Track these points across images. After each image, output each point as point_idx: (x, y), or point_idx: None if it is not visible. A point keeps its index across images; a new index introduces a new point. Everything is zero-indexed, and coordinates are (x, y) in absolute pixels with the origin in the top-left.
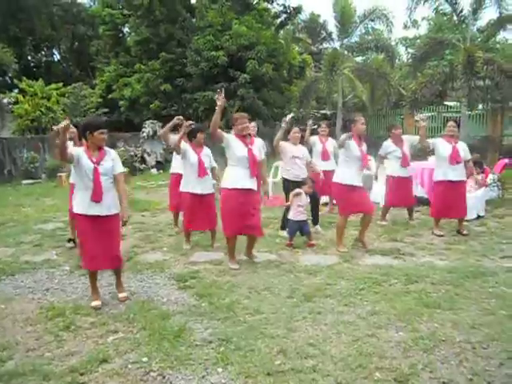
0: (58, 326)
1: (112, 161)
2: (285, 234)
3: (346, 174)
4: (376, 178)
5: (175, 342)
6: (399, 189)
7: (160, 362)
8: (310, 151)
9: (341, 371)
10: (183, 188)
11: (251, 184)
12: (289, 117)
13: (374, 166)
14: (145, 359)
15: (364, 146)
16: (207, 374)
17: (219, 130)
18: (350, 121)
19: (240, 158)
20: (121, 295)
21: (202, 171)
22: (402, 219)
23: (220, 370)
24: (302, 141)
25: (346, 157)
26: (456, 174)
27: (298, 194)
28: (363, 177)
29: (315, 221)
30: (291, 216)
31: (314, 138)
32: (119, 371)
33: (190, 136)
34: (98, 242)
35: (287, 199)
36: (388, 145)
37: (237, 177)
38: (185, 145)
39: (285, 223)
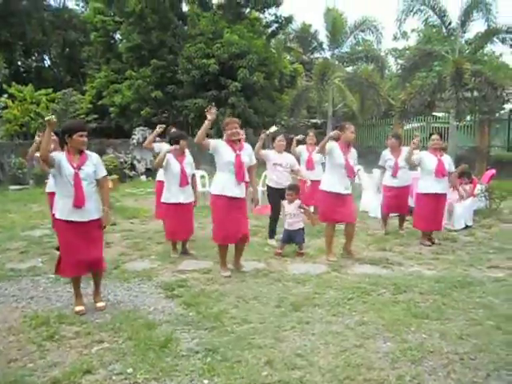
0: (41, 336)
1: (94, 166)
2: (273, 242)
3: (329, 180)
4: (378, 188)
5: (161, 353)
6: (391, 198)
7: (145, 373)
8: (298, 161)
9: (328, 383)
10: (166, 199)
11: (238, 191)
12: (271, 130)
13: (364, 175)
14: (130, 370)
15: (351, 154)
16: None
17: (205, 141)
18: (340, 127)
19: (227, 164)
20: (98, 305)
21: (183, 181)
22: (391, 228)
23: (206, 381)
24: (289, 148)
25: (330, 164)
26: (441, 187)
27: (282, 206)
28: (353, 186)
29: (271, 233)
30: (285, 226)
31: (301, 148)
32: (103, 383)
33: (173, 143)
34: (79, 248)
35: (272, 206)
36: (385, 154)
37: (224, 183)
38: (168, 156)
39: (271, 232)
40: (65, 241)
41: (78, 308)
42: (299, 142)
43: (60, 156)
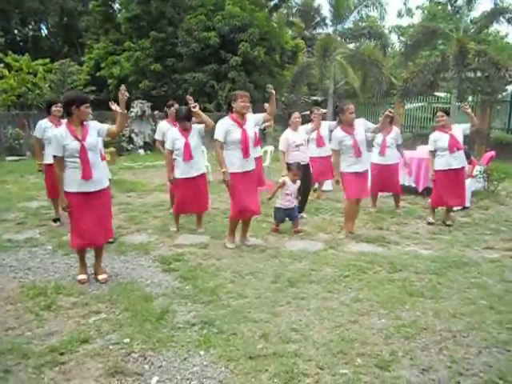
0: (38, 306)
1: (96, 132)
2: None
3: (344, 162)
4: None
5: (157, 324)
6: (379, 176)
7: (142, 343)
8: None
9: (322, 356)
10: (176, 174)
11: (248, 165)
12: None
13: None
14: (126, 340)
15: (357, 131)
16: (189, 357)
17: (222, 150)
18: (339, 109)
19: (236, 141)
20: (101, 277)
21: (187, 155)
22: (388, 208)
23: (202, 352)
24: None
25: (343, 149)
26: (458, 161)
27: (283, 184)
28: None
29: (301, 208)
30: (278, 204)
31: (308, 125)
32: (100, 352)
33: (177, 118)
34: (91, 218)
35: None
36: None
37: (235, 160)
38: (172, 132)
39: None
40: (75, 213)
41: (81, 276)
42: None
43: (61, 133)
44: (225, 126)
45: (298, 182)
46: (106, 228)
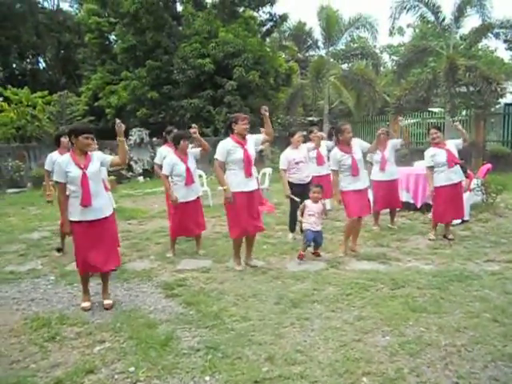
0: (42, 337)
1: (98, 161)
2: (290, 236)
3: (344, 181)
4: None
5: (162, 351)
6: (382, 192)
7: (147, 371)
8: None
9: (328, 377)
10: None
11: (252, 184)
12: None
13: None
14: (131, 369)
15: (354, 150)
16: (195, 383)
17: (222, 170)
18: (337, 130)
19: (239, 161)
20: (106, 302)
21: (189, 179)
22: (388, 224)
23: (207, 378)
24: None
25: (342, 169)
26: (458, 175)
27: (303, 209)
28: None
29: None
30: (307, 225)
31: (307, 144)
32: (105, 382)
33: (175, 143)
34: (93, 246)
35: (292, 201)
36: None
37: (238, 180)
38: (171, 158)
39: (293, 225)
40: (79, 241)
41: (85, 304)
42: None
43: (65, 162)
44: (227, 147)
45: (322, 202)
46: (110, 256)
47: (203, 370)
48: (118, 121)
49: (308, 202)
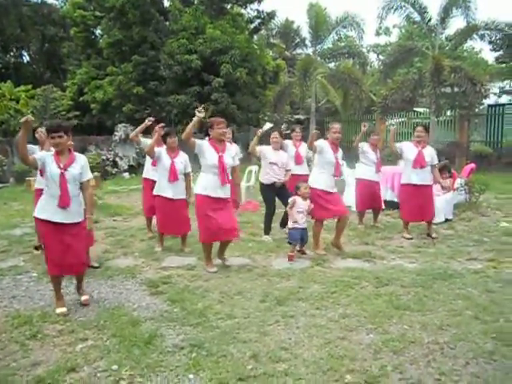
0: (24, 335)
1: (81, 168)
2: (268, 238)
3: (320, 179)
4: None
5: (146, 349)
6: (369, 192)
7: (130, 369)
8: None
9: (312, 374)
10: (156, 191)
11: (222, 192)
12: (265, 128)
13: (347, 170)
14: (114, 367)
15: (339, 153)
16: (178, 381)
17: (192, 139)
18: (327, 126)
19: (210, 166)
20: (83, 298)
21: (172, 176)
22: (368, 223)
23: (191, 376)
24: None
25: (320, 162)
26: (420, 177)
27: (293, 204)
28: (336, 182)
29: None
30: (293, 224)
31: (288, 142)
32: (88, 380)
33: (163, 140)
34: (61, 249)
35: (267, 202)
36: (366, 149)
37: (208, 184)
38: (159, 149)
39: (268, 228)
40: (47, 241)
41: (60, 310)
42: (285, 136)
43: (45, 156)
44: (205, 145)
45: (309, 200)
46: (77, 261)
47: (187, 368)
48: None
49: (298, 199)
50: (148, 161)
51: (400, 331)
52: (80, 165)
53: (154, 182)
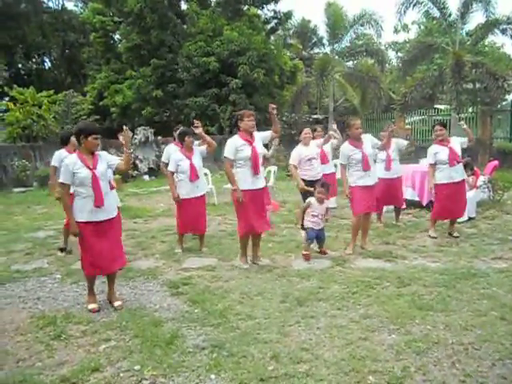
0: (48, 335)
1: (106, 163)
2: (303, 234)
3: (352, 176)
4: None
5: (168, 350)
6: (386, 190)
7: (152, 369)
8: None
9: (334, 375)
10: (182, 195)
11: (259, 183)
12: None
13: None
14: (137, 367)
15: (365, 146)
16: (200, 381)
17: (231, 168)
18: (346, 125)
19: (245, 158)
20: (116, 303)
21: (193, 175)
22: (394, 221)
23: (213, 376)
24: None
25: (351, 163)
26: (459, 174)
27: (308, 206)
28: None
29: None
30: (308, 223)
31: (312, 142)
32: (111, 380)
33: (180, 140)
34: (102, 247)
35: (304, 199)
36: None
37: (244, 178)
38: (176, 155)
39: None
40: (86, 242)
41: (92, 305)
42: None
43: (71, 162)
44: (235, 144)
45: (327, 202)
46: (117, 255)
47: (208, 369)
48: (125, 128)
49: (313, 201)
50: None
51: (423, 332)
52: (104, 161)
53: None
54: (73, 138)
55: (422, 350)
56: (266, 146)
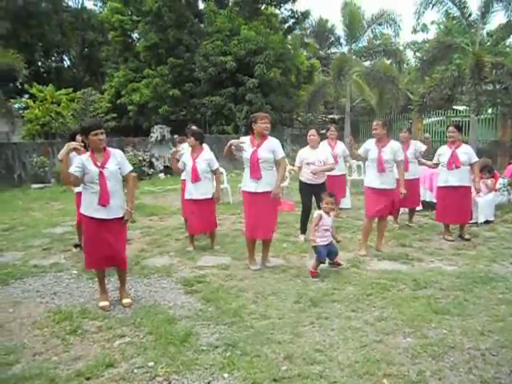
0: (64, 330)
1: (118, 163)
2: (302, 239)
3: (368, 177)
4: None
5: (181, 347)
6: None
7: (166, 366)
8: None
9: (348, 378)
10: (185, 195)
11: (255, 186)
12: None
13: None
14: (151, 364)
15: (385, 149)
16: (213, 380)
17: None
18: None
19: (246, 160)
20: (124, 301)
21: (194, 177)
22: (402, 222)
23: (226, 375)
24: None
25: (367, 161)
26: (457, 178)
27: (318, 221)
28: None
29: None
30: (319, 242)
31: (323, 143)
32: (125, 376)
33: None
34: (102, 244)
35: (304, 201)
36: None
37: (245, 179)
38: (185, 156)
39: (303, 227)
40: (88, 236)
41: (103, 303)
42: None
43: (83, 159)
44: (244, 143)
45: (332, 214)
46: (115, 256)
47: (222, 367)
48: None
49: (324, 215)
50: None
51: (439, 336)
52: (117, 160)
53: None
54: (78, 137)
55: (437, 355)
56: None
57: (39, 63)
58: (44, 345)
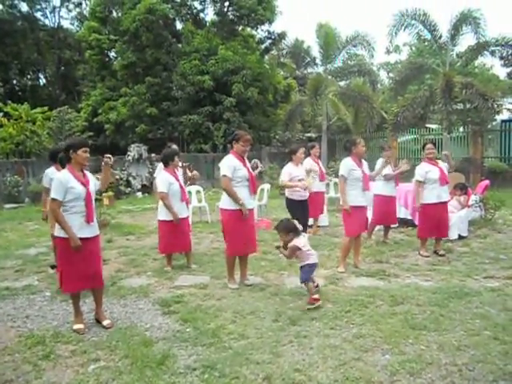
0: (37, 355)
1: (94, 183)
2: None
3: (350, 196)
4: None
5: (158, 371)
6: (384, 207)
7: None
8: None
9: None
10: (165, 216)
11: (252, 203)
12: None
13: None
14: None
15: (364, 167)
16: None
17: (232, 187)
18: (350, 142)
19: (242, 178)
20: (105, 322)
21: (184, 195)
22: (376, 239)
23: None
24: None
25: (349, 179)
26: (446, 194)
27: (295, 250)
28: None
29: None
30: (307, 261)
31: (309, 161)
32: None
33: (168, 160)
34: (83, 264)
35: (298, 219)
36: (379, 163)
37: (244, 197)
38: (167, 177)
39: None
40: (67, 257)
41: (77, 326)
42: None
43: (65, 181)
44: (232, 163)
45: (306, 235)
46: (95, 275)
47: None
48: (106, 157)
49: (300, 240)
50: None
51: (417, 352)
52: (93, 181)
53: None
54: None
55: (415, 371)
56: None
57: (14, 81)
58: (14, 371)
